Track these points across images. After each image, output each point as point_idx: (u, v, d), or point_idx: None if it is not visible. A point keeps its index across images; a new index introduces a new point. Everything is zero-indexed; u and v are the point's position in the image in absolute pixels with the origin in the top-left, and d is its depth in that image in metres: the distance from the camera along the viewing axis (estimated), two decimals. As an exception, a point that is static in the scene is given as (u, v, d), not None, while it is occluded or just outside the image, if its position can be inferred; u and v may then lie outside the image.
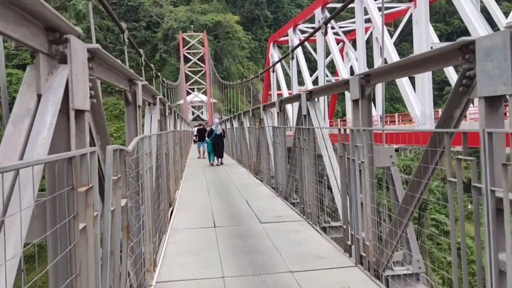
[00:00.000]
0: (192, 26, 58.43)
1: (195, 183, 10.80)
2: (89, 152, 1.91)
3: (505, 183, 2.10)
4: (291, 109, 35.49)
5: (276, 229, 5.79)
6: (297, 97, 6.51)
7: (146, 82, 4.17)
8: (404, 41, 54.92)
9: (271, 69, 36.39)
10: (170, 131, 7.85)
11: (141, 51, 11.01)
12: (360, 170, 3.96)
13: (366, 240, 3.96)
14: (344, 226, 4.50)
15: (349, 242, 4.39)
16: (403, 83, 25.17)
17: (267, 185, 9.86)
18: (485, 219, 2.30)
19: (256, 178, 11.27)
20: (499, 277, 2.28)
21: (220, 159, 15.50)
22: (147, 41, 59.31)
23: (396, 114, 33.37)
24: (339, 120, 43.55)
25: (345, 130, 4.30)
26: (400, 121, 31.43)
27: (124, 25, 7.20)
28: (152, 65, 10.93)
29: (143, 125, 4.68)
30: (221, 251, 4.80)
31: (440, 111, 25.95)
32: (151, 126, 5.49)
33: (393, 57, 26.70)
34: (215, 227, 6.04)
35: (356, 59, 38.05)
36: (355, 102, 4.07)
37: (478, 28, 19.90)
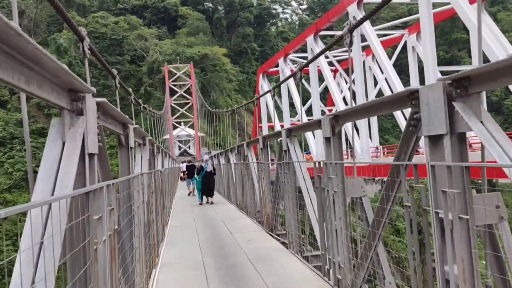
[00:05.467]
0: (178, 58, 56.04)
1: (184, 249, 7.17)
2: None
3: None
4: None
5: None
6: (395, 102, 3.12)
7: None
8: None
9: (260, 101, 33.18)
10: (137, 175, 4.33)
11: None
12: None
13: None
14: None
15: None
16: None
17: (297, 254, 6.26)
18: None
19: (273, 237, 7.70)
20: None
21: (210, 198, 14.39)
22: (131, 75, 57.05)
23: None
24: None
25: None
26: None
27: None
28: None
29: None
30: None
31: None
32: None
33: (397, 86, 23.90)
34: None
35: (349, 89, 35.21)
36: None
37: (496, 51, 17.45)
